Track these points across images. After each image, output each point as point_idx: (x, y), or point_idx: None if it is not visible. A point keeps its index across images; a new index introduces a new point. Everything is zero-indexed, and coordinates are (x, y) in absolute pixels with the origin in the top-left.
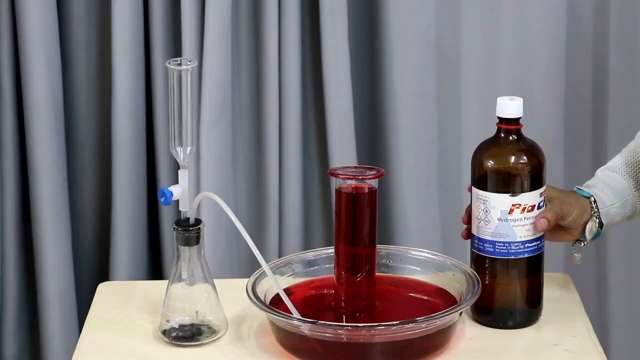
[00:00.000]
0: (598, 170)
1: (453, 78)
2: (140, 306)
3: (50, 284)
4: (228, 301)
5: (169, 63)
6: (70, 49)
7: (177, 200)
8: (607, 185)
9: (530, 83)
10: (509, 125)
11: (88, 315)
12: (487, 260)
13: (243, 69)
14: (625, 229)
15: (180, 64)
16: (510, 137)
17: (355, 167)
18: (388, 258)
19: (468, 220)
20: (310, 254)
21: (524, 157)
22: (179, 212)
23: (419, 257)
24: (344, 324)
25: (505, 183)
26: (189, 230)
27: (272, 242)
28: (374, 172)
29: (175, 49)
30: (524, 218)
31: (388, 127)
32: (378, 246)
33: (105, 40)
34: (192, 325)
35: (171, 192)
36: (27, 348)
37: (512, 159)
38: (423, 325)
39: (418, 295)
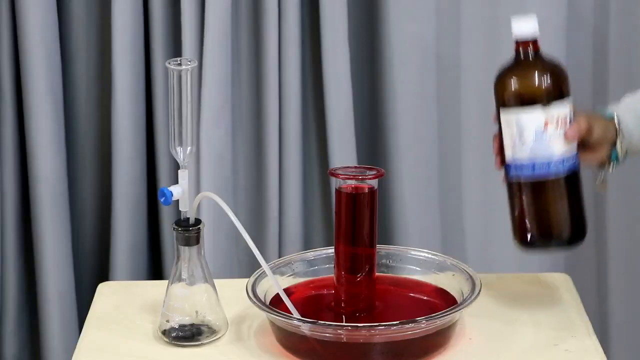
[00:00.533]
0: (625, 96)
1: (453, 78)
2: (140, 306)
3: (50, 284)
4: (228, 301)
5: (169, 63)
6: (70, 49)
7: (177, 200)
8: (630, 109)
9: None
10: (526, 45)
11: (88, 315)
12: (527, 185)
13: (243, 69)
14: (625, 229)
15: (180, 64)
16: (530, 56)
17: (355, 167)
18: (388, 258)
19: (499, 149)
20: (310, 254)
21: (550, 71)
22: (179, 212)
23: (419, 257)
24: (344, 324)
25: (536, 99)
26: (189, 230)
27: (272, 242)
28: (374, 172)
29: (175, 49)
30: (559, 133)
31: (388, 127)
32: (378, 246)
33: (105, 40)
34: (192, 325)
35: (171, 192)
36: (27, 348)
37: (538, 73)
38: (423, 325)
39: (418, 295)
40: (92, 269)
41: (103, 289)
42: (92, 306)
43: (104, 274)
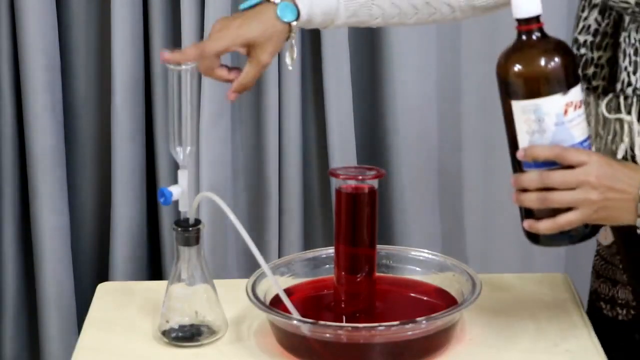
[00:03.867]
0: None
1: (453, 78)
2: (140, 306)
3: (50, 285)
4: (228, 301)
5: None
6: (70, 49)
7: (177, 200)
8: None
9: None
10: (529, 25)
11: (87, 316)
12: None
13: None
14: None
15: (180, 64)
16: (534, 37)
17: (355, 167)
18: (388, 258)
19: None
20: (310, 254)
21: (562, 52)
22: (178, 212)
23: (419, 258)
24: (344, 324)
25: (554, 83)
26: (189, 231)
27: (272, 242)
28: (374, 172)
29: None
30: (578, 116)
31: (388, 128)
32: (378, 246)
33: (105, 40)
34: (191, 325)
35: (171, 192)
36: (26, 348)
37: (555, 55)
38: (423, 325)
39: (418, 296)
40: (92, 269)
41: (102, 289)
42: (92, 307)
43: (103, 274)
